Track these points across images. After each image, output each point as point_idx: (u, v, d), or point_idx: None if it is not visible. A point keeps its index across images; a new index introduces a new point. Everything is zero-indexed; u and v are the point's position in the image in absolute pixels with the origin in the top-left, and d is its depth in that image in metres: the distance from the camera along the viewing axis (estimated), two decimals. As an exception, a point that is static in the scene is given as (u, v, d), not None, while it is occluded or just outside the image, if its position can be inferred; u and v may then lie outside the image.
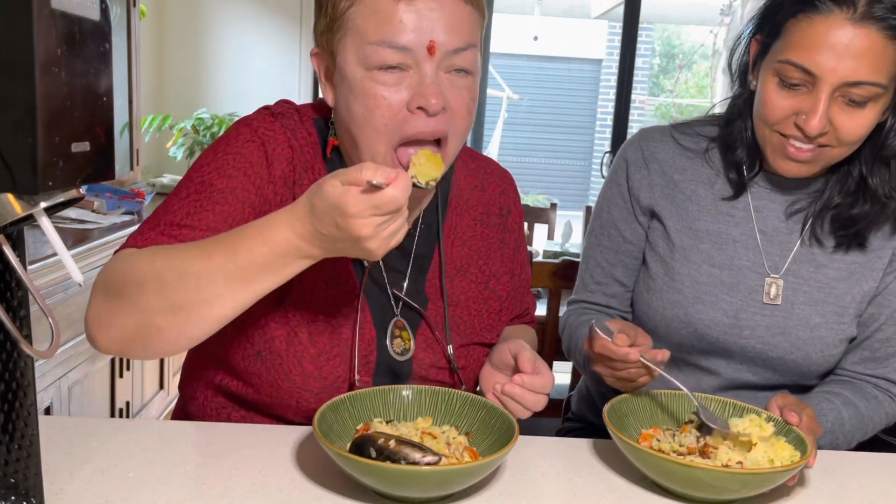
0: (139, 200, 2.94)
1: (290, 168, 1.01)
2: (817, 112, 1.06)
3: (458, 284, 1.12)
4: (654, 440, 1.01)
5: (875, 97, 1.06)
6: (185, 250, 0.86)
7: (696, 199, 1.25)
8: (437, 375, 1.10)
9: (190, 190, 0.97)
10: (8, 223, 0.64)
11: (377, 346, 1.05)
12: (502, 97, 7.89)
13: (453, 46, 0.92)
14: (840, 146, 1.11)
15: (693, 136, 1.28)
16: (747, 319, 1.21)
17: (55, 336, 0.69)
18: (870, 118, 1.08)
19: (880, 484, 1.03)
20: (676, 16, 8.29)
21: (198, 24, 3.81)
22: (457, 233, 1.13)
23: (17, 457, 0.75)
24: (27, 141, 0.59)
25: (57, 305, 2.15)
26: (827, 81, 1.05)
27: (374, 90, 0.92)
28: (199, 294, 0.84)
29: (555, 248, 3.36)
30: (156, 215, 0.97)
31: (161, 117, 3.61)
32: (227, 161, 0.98)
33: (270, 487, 0.89)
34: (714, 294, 1.22)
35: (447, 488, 0.87)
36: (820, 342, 1.20)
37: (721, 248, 1.23)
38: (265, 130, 1.01)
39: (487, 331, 1.14)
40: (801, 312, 1.21)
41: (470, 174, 1.17)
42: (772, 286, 1.21)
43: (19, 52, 0.58)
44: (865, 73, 1.04)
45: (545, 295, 2.27)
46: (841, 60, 1.03)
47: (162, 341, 0.87)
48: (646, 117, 8.66)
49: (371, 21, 0.91)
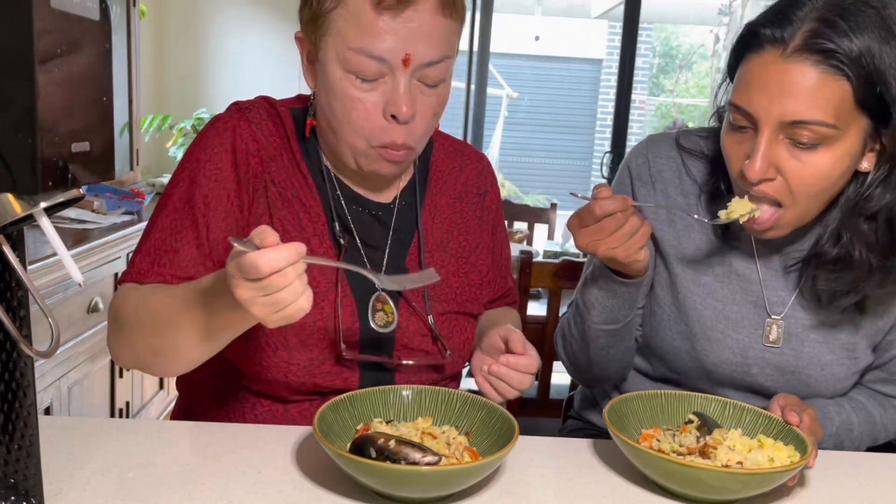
0: (139, 200, 2.94)
1: (257, 161, 1.06)
2: (757, 154, 0.99)
3: (438, 258, 1.15)
4: (654, 440, 1.01)
5: (826, 139, 0.97)
6: (166, 299, 0.93)
7: (698, 227, 1.19)
8: (421, 344, 1.11)
9: (169, 208, 1.04)
10: (8, 223, 0.64)
11: (360, 319, 1.07)
12: (502, 96, 7.89)
13: (427, 59, 0.96)
14: (797, 200, 1.02)
15: (700, 158, 1.21)
16: (755, 358, 1.17)
17: (55, 336, 0.69)
18: (826, 164, 0.99)
19: (880, 484, 1.03)
20: (676, 16, 8.29)
21: (198, 24, 3.81)
22: (436, 210, 1.16)
23: (17, 457, 0.75)
24: (27, 141, 0.59)
25: (57, 305, 2.15)
26: (764, 122, 0.98)
27: (350, 92, 0.97)
28: (174, 341, 0.92)
29: (555, 248, 3.36)
30: (144, 237, 1.04)
31: (161, 117, 3.61)
32: (198, 170, 1.04)
33: (270, 487, 0.89)
34: (721, 331, 1.17)
35: (447, 488, 0.87)
36: (832, 378, 1.17)
37: (723, 282, 1.18)
38: (230, 129, 1.06)
39: (469, 302, 1.17)
40: (811, 352, 1.16)
41: (448, 156, 1.21)
42: (772, 328, 1.16)
43: (19, 52, 0.58)
44: (802, 110, 0.96)
45: (545, 295, 2.26)
46: (774, 99, 0.97)
47: (155, 371, 1.01)
48: (646, 117, 8.66)
49: (352, 27, 0.95)
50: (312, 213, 1.08)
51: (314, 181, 1.09)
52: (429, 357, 1.12)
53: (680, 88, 8.93)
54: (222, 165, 1.03)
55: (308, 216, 1.07)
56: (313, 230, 1.07)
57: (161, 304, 0.93)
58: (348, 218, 1.10)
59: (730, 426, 1.04)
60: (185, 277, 0.99)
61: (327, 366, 1.06)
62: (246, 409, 1.10)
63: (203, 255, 1.02)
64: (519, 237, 3.10)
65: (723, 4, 6.53)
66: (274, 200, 1.06)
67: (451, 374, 1.17)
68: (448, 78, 1.02)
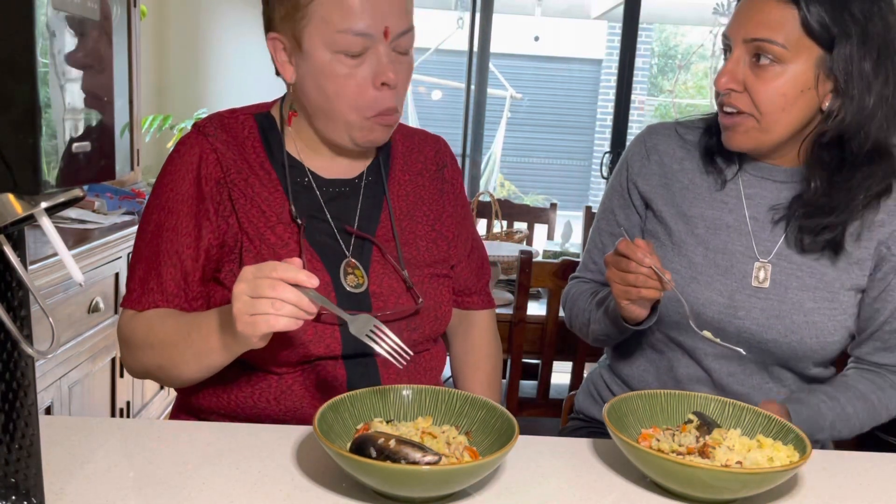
0: (139, 200, 2.94)
1: (217, 170, 1.15)
2: (726, 67, 1.19)
3: (406, 226, 1.24)
4: (654, 440, 1.01)
5: (779, 59, 1.15)
6: (169, 327, 1.09)
7: (692, 188, 1.32)
8: (398, 300, 1.18)
9: (148, 235, 1.15)
10: (8, 223, 0.64)
11: (333, 285, 1.15)
12: (505, 96, 7.89)
13: (401, 29, 1.09)
14: (761, 116, 1.18)
15: (694, 129, 1.36)
16: (742, 301, 1.25)
17: (55, 336, 0.69)
18: (779, 82, 1.16)
19: (880, 484, 1.03)
20: (676, 16, 8.29)
21: (198, 24, 3.81)
22: (400, 185, 1.26)
23: (18, 457, 0.75)
24: (28, 141, 0.59)
25: (57, 305, 2.15)
26: (735, 41, 1.19)
27: (341, 70, 1.08)
28: (173, 360, 1.08)
29: (555, 248, 3.35)
30: (133, 266, 1.17)
31: (161, 117, 3.61)
32: (166, 195, 1.15)
33: (270, 487, 0.89)
34: (709, 275, 1.27)
35: (447, 488, 0.87)
36: (814, 327, 1.23)
37: (715, 234, 1.29)
38: (189, 149, 1.16)
39: (439, 264, 1.25)
40: (794, 297, 1.24)
41: (406, 139, 1.31)
42: (760, 270, 1.26)
43: (20, 52, 0.58)
44: (757, 30, 1.16)
45: (545, 295, 2.26)
46: (741, 23, 1.18)
47: (164, 382, 1.15)
48: (645, 117, 8.66)
49: (336, 12, 1.06)
50: (275, 203, 1.16)
51: (277, 174, 1.17)
52: (404, 308, 1.18)
53: (679, 89, 8.94)
54: (186, 186, 1.14)
55: (270, 207, 1.15)
56: (277, 218, 1.15)
57: (164, 330, 1.09)
58: (319, 198, 1.18)
59: (729, 426, 1.05)
60: (172, 296, 1.13)
61: (309, 333, 1.10)
62: (242, 383, 1.14)
63: (184, 273, 1.13)
64: (519, 237, 3.10)
65: (718, 4, 6.53)
66: (237, 199, 1.14)
67: (431, 333, 1.22)
68: (412, 47, 1.16)
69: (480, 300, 1.39)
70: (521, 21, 7.89)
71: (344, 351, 1.13)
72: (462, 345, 1.39)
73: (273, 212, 1.15)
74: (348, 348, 1.13)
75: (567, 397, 1.73)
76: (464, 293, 1.37)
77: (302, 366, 1.13)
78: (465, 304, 1.38)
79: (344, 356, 1.13)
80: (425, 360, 1.22)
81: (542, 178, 8.83)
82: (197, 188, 1.14)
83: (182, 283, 1.13)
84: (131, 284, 1.15)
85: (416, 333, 1.19)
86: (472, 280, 1.36)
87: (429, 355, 1.23)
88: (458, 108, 4.88)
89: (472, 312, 1.39)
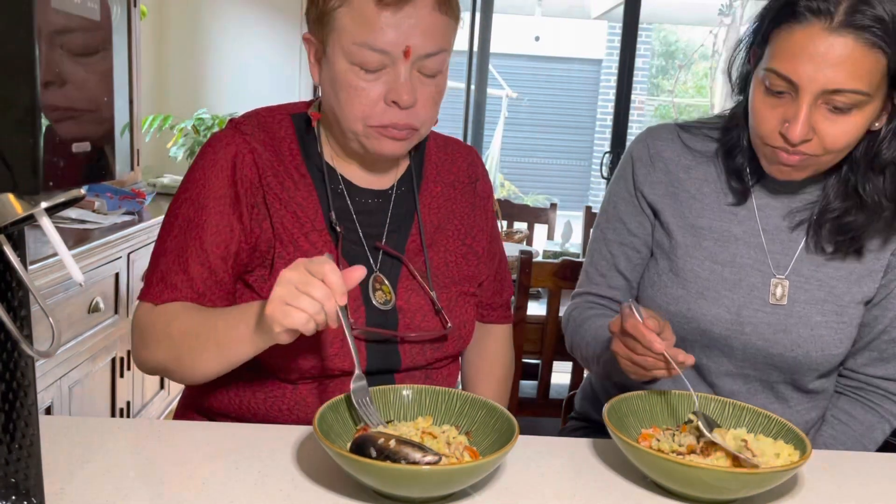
0: (139, 200, 2.94)
1: (253, 171, 1.12)
2: (799, 119, 1.08)
3: (437, 239, 1.22)
4: (654, 440, 1.01)
5: (859, 104, 1.07)
6: (192, 317, 1.06)
7: (700, 198, 1.27)
8: (423, 321, 1.16)
9: (176, 230, 1.12)
10: (9, 223, 0.64)
11: (363, 299, 1.13)
12: (502, 96, 7.89)
13: (425, 51, 1.05)
14: (827, 154, 1.12)
15: (700, 137, 1.30)
16: (749, 317, 1.22)
17: (55, 336, 0.69)
18: (855, 125, 1.09)
19: (880, 484, 1.03)
20: (676, 16, 8.30)
21: (198, 24, 3.81)
22: (432, 197, 1.24)
23: (18, 457, 0.75)
24: (28, 141, 0.59)
25: (57, 305, 2.15)
26: (807, 90, 1.07)
27: (355, 82, 1.06)
28: (193, 352, 1.05)
29: (555, 248, 3.35)
30: (155, 258, 1.13)
31: (161, 117, 3.61)
32: (199, 192, 1.12)
33: (270, 487, 0.89)
34: (717, 290, 1.23)
35: (447, 488, 0.87)
36: (820, 341, 1.21)
37: (724, 246, 1.25)
38: (226, 147, 1.13)
39: (467, 281, 1.24)
40: (801, 311, 1.22)
41: (439, 149, 1.28)
42: (777, 287, 1.23)
43: (20, 52, 0.58)
44: (844, 80, 1.05)
45: (545, 295, 2.26)
46: (819, 69, 1.05)
47: (176, 377, 1.11)
48: (645, 117, 8.66)
49: (356, 23, 1.03)
50: (310, 209, 1.13)
51: (312, 179, 1.15)
52: (431, 331, 1.16)
53: (679, 89, 8.94)
54: (221, 184, 1.11)
55: (305, 213, 1.13)
56: (311, 225, 1.13)
57: (187, 321, 1.06)
58: (350, 208, 1.16)
59: (729, 426, 1.05)
60: (196, 293, 1.10)
61: (335, 347, 1.09)
62: (256, 387, 1.13)
63: (210, 271, 1.10)
64: (519, 237, 3.09)
65: (723, 4, 6.54)
66: (272, 203, 1.12)
67: (454, 352, 1.21)
68: (445, 70, 1.11)
69: (501, 315, 1.38)
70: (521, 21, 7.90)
71: (368, 364, 1.11)
72: (476, 353, 1.37)
73: (308, 218, 1.13)
74: (372, 366, 1.12)
75: (567, 397, 1.73)
76: (487, 307, 1.35)
77: (319, 378, 1.12)
78: (486, 319, 1.36)
79: (366, 373, 1.10)
80: (442, 375, 1.22)
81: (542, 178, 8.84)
82: (231, 188, 1.11)
83: (208, 281, 1.10)
84: (152, 277, 1.12)
85: (440, 352, 1.18)
86: (496, 296, 1.35)
87: (447, 371, 1.23)
88: (457, 107, 4.88)
89: (492, 325, 1.38)
